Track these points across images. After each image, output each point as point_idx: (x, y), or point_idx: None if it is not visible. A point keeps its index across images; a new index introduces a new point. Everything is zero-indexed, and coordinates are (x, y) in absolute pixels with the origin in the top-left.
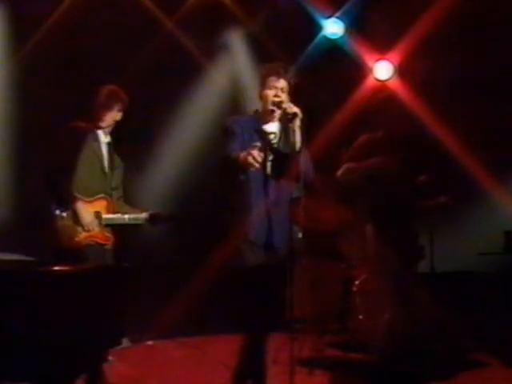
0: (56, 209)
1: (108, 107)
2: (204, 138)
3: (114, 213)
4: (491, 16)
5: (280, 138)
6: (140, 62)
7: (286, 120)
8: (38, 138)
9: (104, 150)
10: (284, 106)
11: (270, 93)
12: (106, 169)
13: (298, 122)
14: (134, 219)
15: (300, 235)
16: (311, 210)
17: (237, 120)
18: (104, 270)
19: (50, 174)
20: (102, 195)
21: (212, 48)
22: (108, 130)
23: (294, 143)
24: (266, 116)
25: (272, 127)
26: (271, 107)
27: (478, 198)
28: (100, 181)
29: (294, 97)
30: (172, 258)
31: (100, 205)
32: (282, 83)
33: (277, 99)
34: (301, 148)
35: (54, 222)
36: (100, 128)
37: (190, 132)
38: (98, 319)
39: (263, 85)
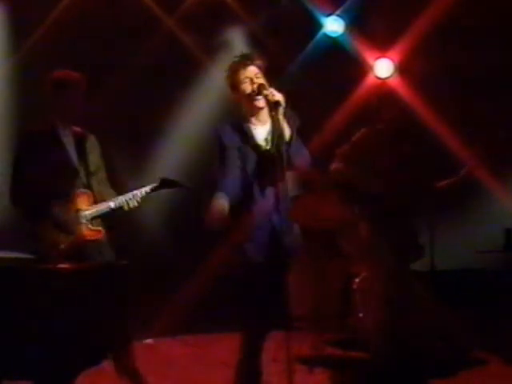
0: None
1: (58, 96)
2: (204, 136)
3: (97, 203)
4: (491, 13)
5: (272, 141)
6: (140, 59)
7: (270, 109)
8: None
9: (67, 143)
10: (266, 92)
11: (246, 85)
12: (76, 163)
13: (281, 111)
14: (122, 202)
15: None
16: (311, 208)
17: (223, 129)
18: (104, 267)
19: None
20: (79, 190)
21: (212, 46)
22: (67, 119)
23: (282, 136)
24: (249, 113)
25: (262, 132)
26: (253, 97)
27: (478, 196)
28: (72, 179)
29: (271, 79)
30: (172, 256)
31: (80, 201)
32: (252, 70)
33: (255, 85)
34: (291, 138)
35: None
36: (58, 122)
37: (190, 130)
38: (98, 317)
39: (235, 84)
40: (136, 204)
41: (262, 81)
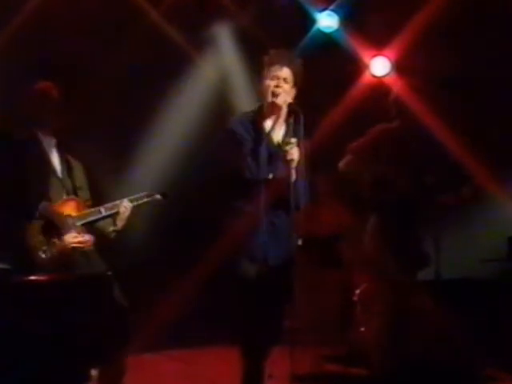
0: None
1: (43, 109)
2: (192, 132)
3: (85, 210)
4: (490, 10)
5: (282, 141)
6: (124, 54)
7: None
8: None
9: (52, 152)
10: (281, 97)
11: (271, 83)
12: (59, 172)
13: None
14: (112, 207)
15: (300, 242)
16: (311, 213)
17: (239, 121)
18: (86, 278)
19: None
20: (68, 196)
21: (200, 40)
22: (49, 131)
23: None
24: (268, 110)
25: (277, 132)
26: (271, 99)
27: (481, 204)
28: (56, 184)
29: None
30: (158, 265)
31: (69, 206)
32: (285, 73)
33: (277, 90)
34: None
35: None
36: (39, 130)
37: (177, 127)
38: (78, 332)
39: (264, 74)
40: (125, 209)
41: (285, 88)
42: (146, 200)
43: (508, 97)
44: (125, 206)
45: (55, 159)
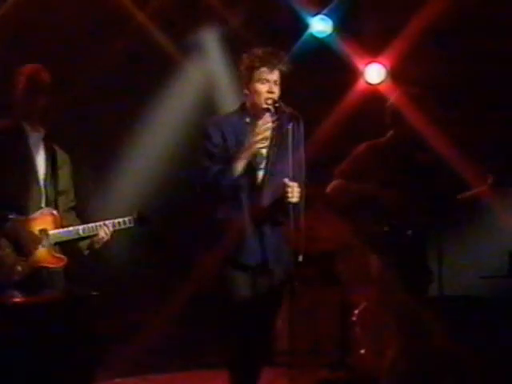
0: None
1: (32, 92)
2: (178, 136)
3: (63, 227)
4: (487, 16)
5: (271, 143)
6: (108, 57)
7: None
8: None
9: (37, 147)
10: (277, 104)
11: (263, 87)
12: (41, 179)
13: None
14: (92, 229)
15: (301, 258)
16: (309, 227)
17: (217, 122)
18: (70, 299)
19: None
20: (45, 209)
21: (187, 43)
22: (37, 121)
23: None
24: (256, 114)
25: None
26: (265, 105)
27: (482, 217)
28: (36, 191)
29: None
30: (139, 282)
31: (45, 221)
32: (275, 75)
33: (271, 95)
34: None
35: None
36: (26, 121)
37: (162, 135)
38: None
39: (251, 77)
40: (105, 235)
41: (277, 92)
42: (128, 226)
43: (506, 103)
44: (105, 231)
45: (40, 159)
